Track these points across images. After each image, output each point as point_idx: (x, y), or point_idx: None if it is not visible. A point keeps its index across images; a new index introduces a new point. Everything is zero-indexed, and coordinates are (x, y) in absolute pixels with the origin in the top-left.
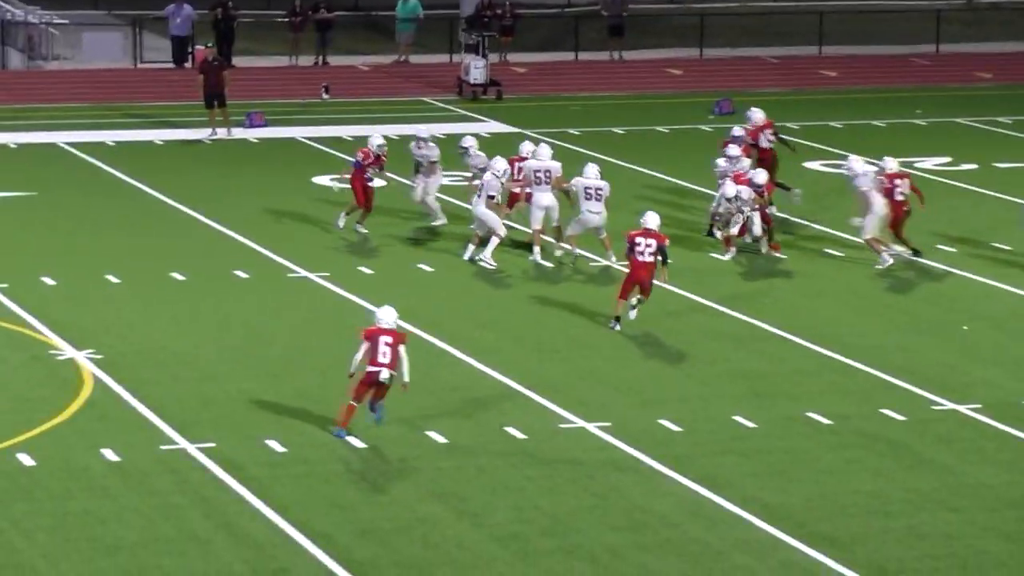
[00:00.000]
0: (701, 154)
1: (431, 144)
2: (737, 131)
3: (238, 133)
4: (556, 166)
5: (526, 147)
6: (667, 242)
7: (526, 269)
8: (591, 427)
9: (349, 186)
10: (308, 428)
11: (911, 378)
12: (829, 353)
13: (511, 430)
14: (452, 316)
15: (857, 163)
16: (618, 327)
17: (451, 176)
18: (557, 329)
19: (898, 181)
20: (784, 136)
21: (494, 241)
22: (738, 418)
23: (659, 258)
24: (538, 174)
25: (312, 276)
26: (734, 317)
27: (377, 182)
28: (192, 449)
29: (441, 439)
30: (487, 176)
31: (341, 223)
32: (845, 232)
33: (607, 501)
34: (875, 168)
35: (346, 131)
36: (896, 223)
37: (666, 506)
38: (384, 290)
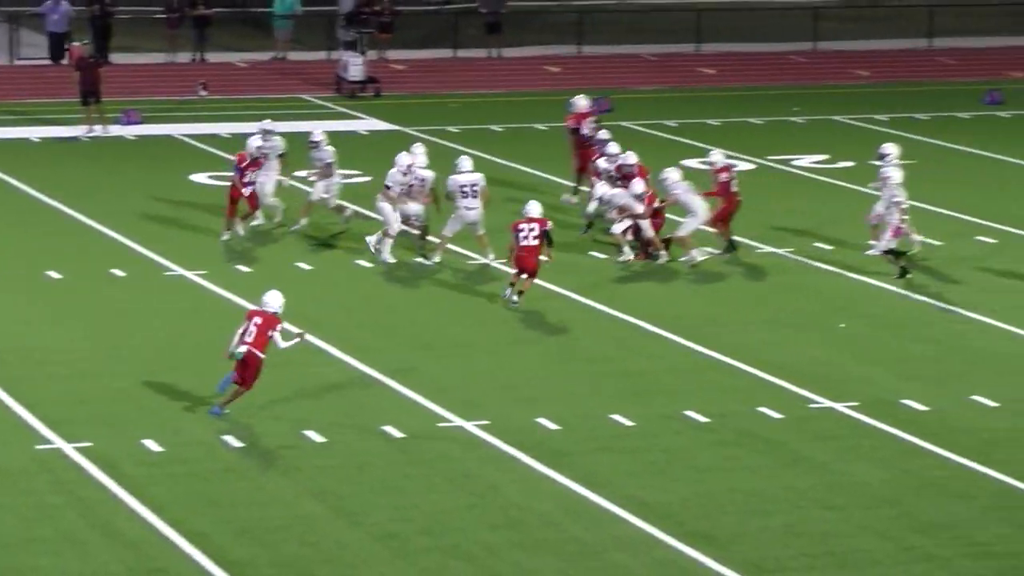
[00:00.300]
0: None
1: (325, 147)
2: (603, 135)
3: (115, 131)
4: (430, 176)
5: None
6: (550, 225)
7: (405, 268)
8: (469, 426)
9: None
10: (185, 427)
11: (788, 376)
12: (707, 351)
13: (389, 429)
14: (330, 314)
15: (673, 172)
16: (515, 299)
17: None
18: (435, 328)
19: (726, 174)
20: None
21: (387, 239)
22: (616, 416)
23: (543, 241)
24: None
25: (188, 274)
26: (613, 316)
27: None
28: (68, 448)
29: (319, 438)
30: (392, 170)
31: (241, 230)
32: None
33: (485, 500)
34: (719, 161)
35: (224, 128)
36: (727, 215)
37: (544, 505)
38: (261, 289)
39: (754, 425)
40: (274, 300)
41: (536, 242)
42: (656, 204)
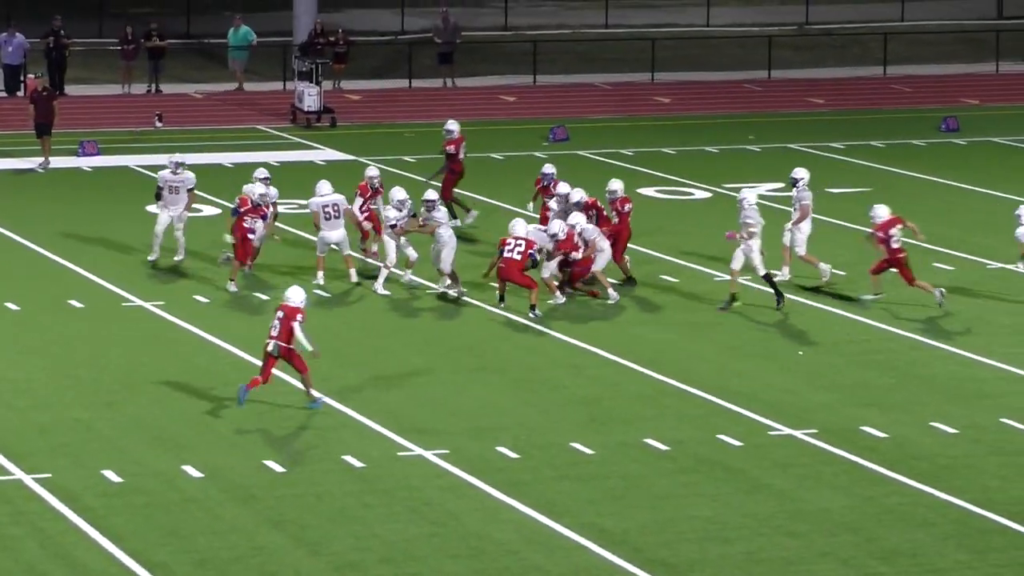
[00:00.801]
0: (534, 180)
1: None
2: (548, 169)
3: (72, 162)
4: (342, 199)
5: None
6: (537, 247)
7: (364, 297)
8: (429, 455)
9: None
10: (145, 457)
11: (748, 403)
12: (665, 379)
13: (349, 458)
14: None
15: (581, 217)
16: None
17: (286, 204)
18: (394, 357)
19: (628, 204)
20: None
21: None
22: (575, 444)
23: (527, 261)
24: (327, 209)
25: (147, 305)
26: (571, 344)
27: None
28: (27, 480)
29: (279, 468)
30: (387, 207)
31: (233, 287)
32: (682, 259)
33: (445, 528)
34: (619, 191)
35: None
36: (624, 247)
37: (504, 533)
38: (220, 319)
39: (713, 452)
40: (295, 295)
41: (519, 257)
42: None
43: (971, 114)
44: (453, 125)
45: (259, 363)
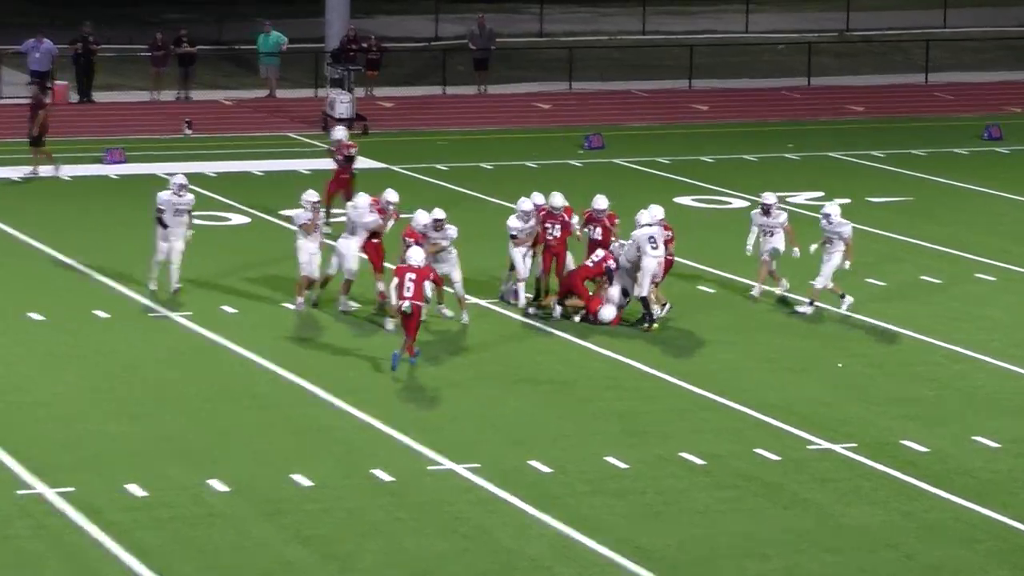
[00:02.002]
0: (570, 189)
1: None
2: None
3: (96, 170)
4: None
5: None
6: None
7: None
8: (459, 468)
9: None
10: (171, 471)
11: (786, 417)
12: (702, 392)
13: (378, 472)
14: (317, 355)
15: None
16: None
17: None
18: (424, 368)
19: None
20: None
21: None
22: (610, 458)
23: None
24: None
25: (173, 316)
26: (606, 356)
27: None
28: (51, 494)
29: (307, 481)
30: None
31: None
32: (720, 270)
33: (476, 544)
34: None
35: (209, 167)
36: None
37: (537, 548)
38: (249, 330)
39: (751, 467)
40: (417, 255)
41: (591, 266)
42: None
43: (1014, 122)
44: (341, 133)
45: (282, 372)
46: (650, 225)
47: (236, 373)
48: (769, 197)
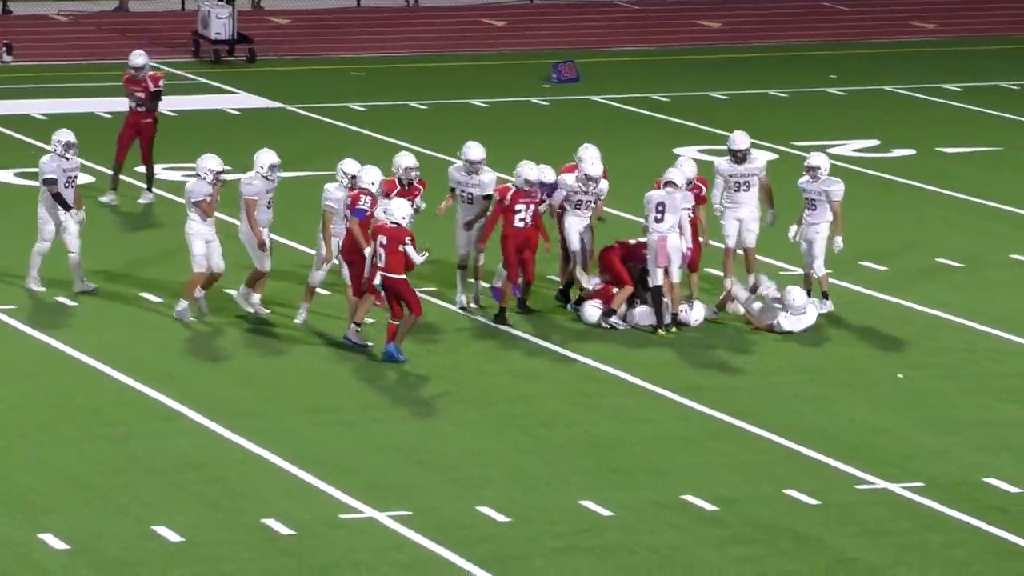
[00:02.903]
0: (534, 137)
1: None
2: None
3: None
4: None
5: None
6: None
7: (288, 303)
8: (382, 517)
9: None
10: None
11: (826, 446)
12: (712, 412)
13: (271, 523)
14: (190, 367)
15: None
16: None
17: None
18: (338, 386)
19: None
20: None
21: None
22: (587, 503)
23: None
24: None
25: None
26: (582, 364)
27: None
28: None
29: (172, 536)
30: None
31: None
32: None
33: None
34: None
35: (36, 106)
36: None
37: None
38: (92, 329)
39: (779, 514)
40: (398, 210)
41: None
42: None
43: None
44: (141, 58)
45: (143, 388)
46: (673, 186)
47: (78, 390)
48: (742, 139)
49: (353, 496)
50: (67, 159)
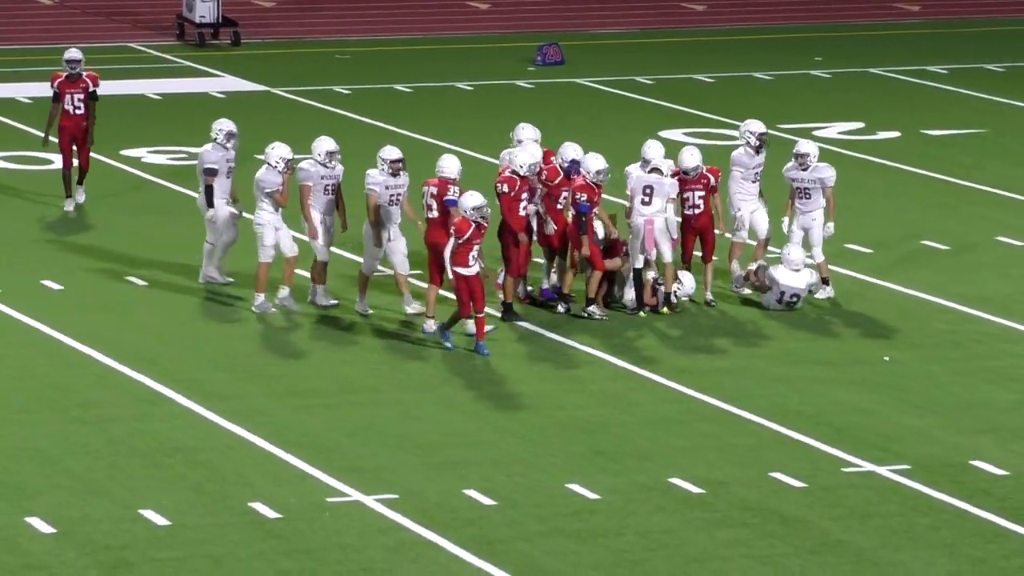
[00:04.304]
0: (519, 120)
1: None
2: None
3: None
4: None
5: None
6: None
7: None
8: (369, 501)
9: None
10: None
11: (813, 429)
12: (698, 395)
13: (258, 506)
14: (173, 350)
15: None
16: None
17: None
18: (321, 368)
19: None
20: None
21: None
22: (574, 487)
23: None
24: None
25: None
26: (567, 346)
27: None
28: None
29: (159, 519)
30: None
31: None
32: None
33: None
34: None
35: (21, 90)
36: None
37: None
38: (76, 312)
39: (766, 497)
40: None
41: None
42: None
43: None
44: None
45: (127, 371)
46: (655, 169)
47: (59, 372)
48: (754, 125)
49: (338, 478)
50: (228, 149)
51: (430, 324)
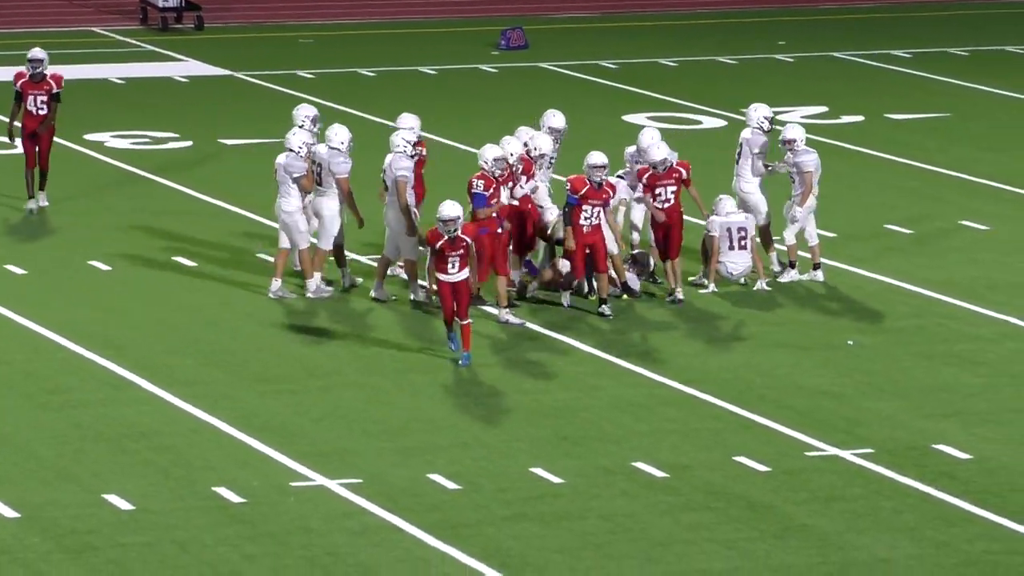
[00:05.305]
0: (483, 105)
1: None
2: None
3: None
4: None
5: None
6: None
7: (231, 279)
8: (333, 485)
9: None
10: None
11: (777, 413)
12: (663, 379)
13: (223, 491)
14: (138, 335)
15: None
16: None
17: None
18: (284, 352)
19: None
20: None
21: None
22: (538, 471)
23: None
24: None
25: None
26: (530, 332)
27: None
28: None
29: (124, 504)
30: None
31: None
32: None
33: None
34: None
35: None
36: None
37: None
38: (40, 297)
39: (730, 481)
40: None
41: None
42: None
43: None
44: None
45: (93, 357)
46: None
47: (23, 357)
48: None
49: (302, 463)
50: (315, 134)
51: (503, 314)
